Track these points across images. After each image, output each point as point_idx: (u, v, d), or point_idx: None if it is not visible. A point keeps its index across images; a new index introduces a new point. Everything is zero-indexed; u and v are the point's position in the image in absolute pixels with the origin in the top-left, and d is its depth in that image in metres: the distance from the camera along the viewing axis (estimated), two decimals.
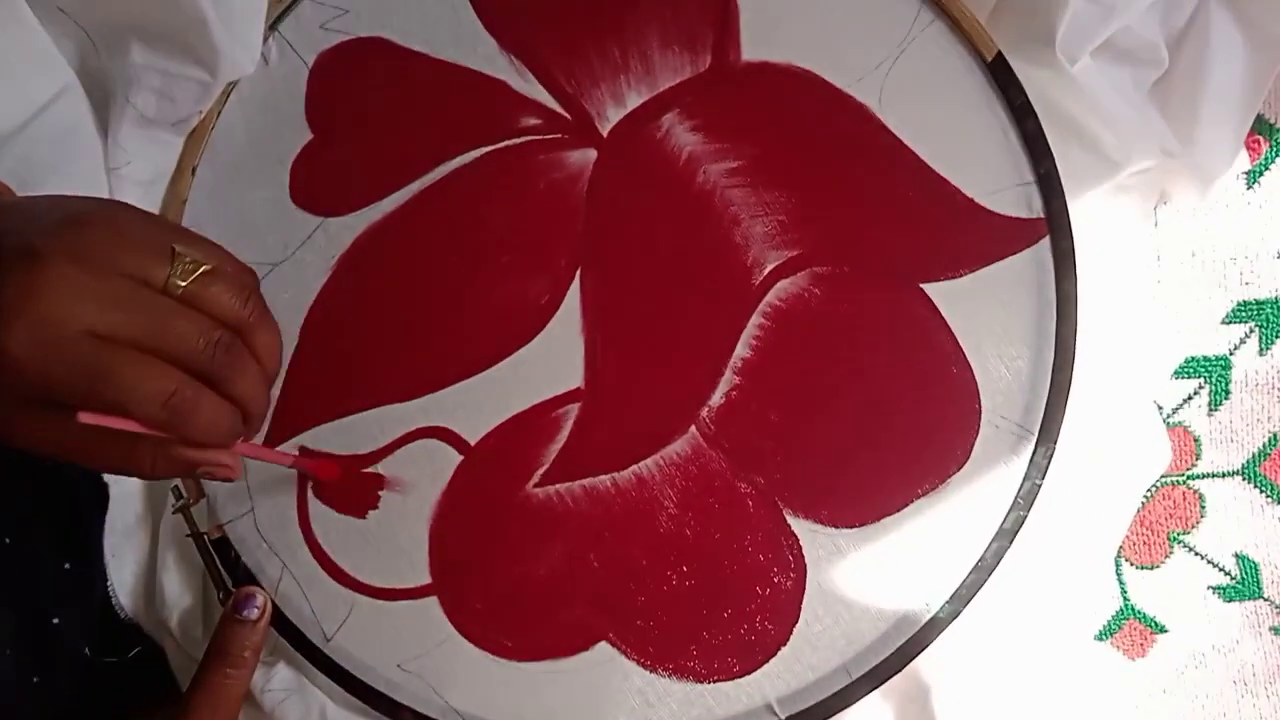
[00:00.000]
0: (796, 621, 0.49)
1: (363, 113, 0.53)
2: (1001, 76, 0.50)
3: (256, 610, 0.50)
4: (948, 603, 0.48)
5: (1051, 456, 0.48)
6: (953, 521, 0.48)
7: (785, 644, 0.49)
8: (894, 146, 0.50)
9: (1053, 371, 0.49)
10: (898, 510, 0.49)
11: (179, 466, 0.40)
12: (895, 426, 0.49)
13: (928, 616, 0.48)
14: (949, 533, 0.48)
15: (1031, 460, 0.48)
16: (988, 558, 0.48)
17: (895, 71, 0.50)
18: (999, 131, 0.50)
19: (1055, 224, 0.49)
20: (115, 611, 0.54)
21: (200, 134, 0.53)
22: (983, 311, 0.49)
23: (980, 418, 0.49)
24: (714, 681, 0.49)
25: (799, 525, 0.49)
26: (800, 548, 0.49)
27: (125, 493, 0.54)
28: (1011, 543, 0.48)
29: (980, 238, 0.50)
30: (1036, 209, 0.49)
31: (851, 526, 0.49)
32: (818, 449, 0.49)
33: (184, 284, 0.37)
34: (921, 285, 0.49)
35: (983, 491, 0.48)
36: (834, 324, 0.50)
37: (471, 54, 0.53)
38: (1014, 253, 0.49)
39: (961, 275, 0.49)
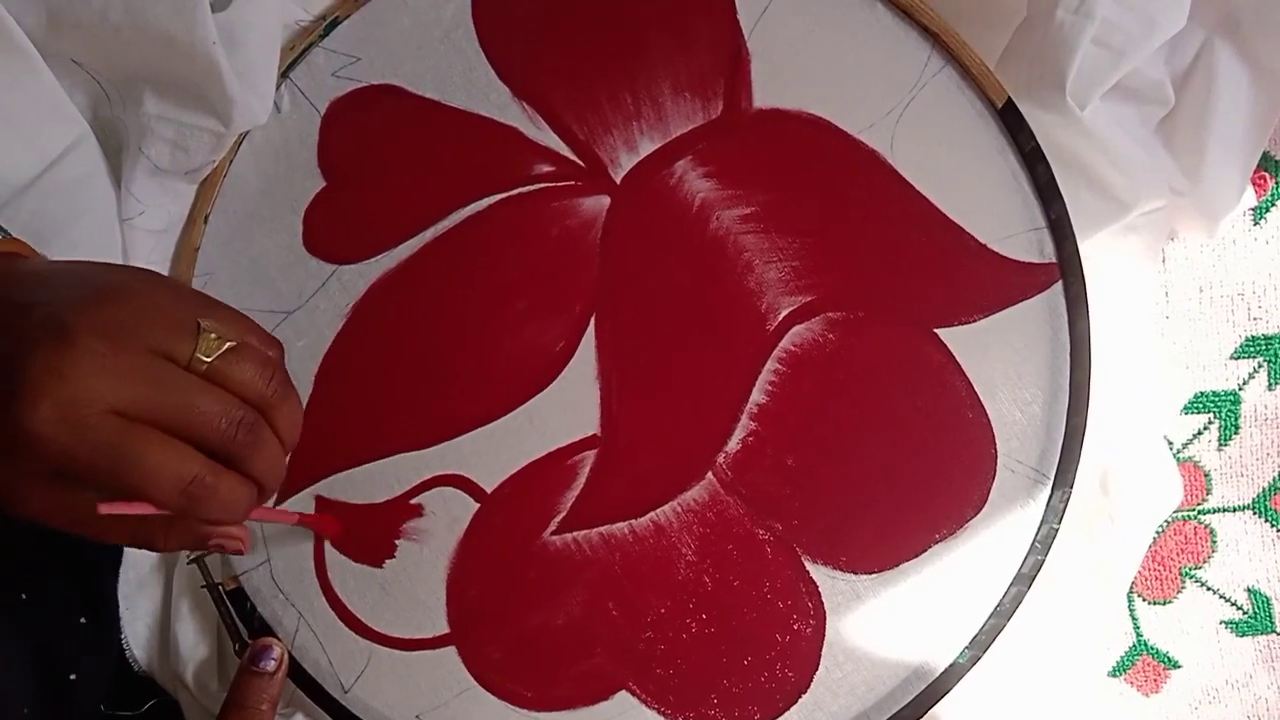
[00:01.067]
0: (817, 669, 0.49)
1: (375, 160, 0.53)
2: (1012, 122, 0.50)
3: (274, 662, 0.50)
4: (967, 648, 0.48)
5: (1068, 500, 0.49)
6: (971, 566, 0.49)
7: (806, 691, 0.49)
8: (906, 192, 0.51)
9: (1067, 415, 0.49)
10: (916, 555, 0.49)
11: (190, 542, 0.40)
12: (912, 471, 0.49)
13: (948, 663, 0.48)
14: (967, 578, 0.49)
15: (1048, 504, 0.49)
16: (1006, 603, 0.48)
17: (906, 118, 0.51)
18: (1010, 177, 0.50)
19: (1067, 268, 0.50)
20: (129, 664, 0.53)
21: (213, 182, 0.53)
22: (997, 356, 0.49)
23: (996, 462, 0.49)
24: None
25: (818, 571, 0.49)
26: (819, 594, 0.49)
27: None
28: (1029, 587, 0.48)
29: (993, 283, 0.50)
30: (1049, 254, 0.50)
31: (870, 572, 0.49)
32: (835, 494, 0.49)
33: (208, 360, 0.37)
34: (935, 330, 0.50)
35: (1000, 536, 0.49)
36: (849, 369, 0.50)
37: (484, 101, 0.53)
38: (1027, 297, 0.50)
39: (975, 320, 0.50)
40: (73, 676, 0.49)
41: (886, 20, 0.51)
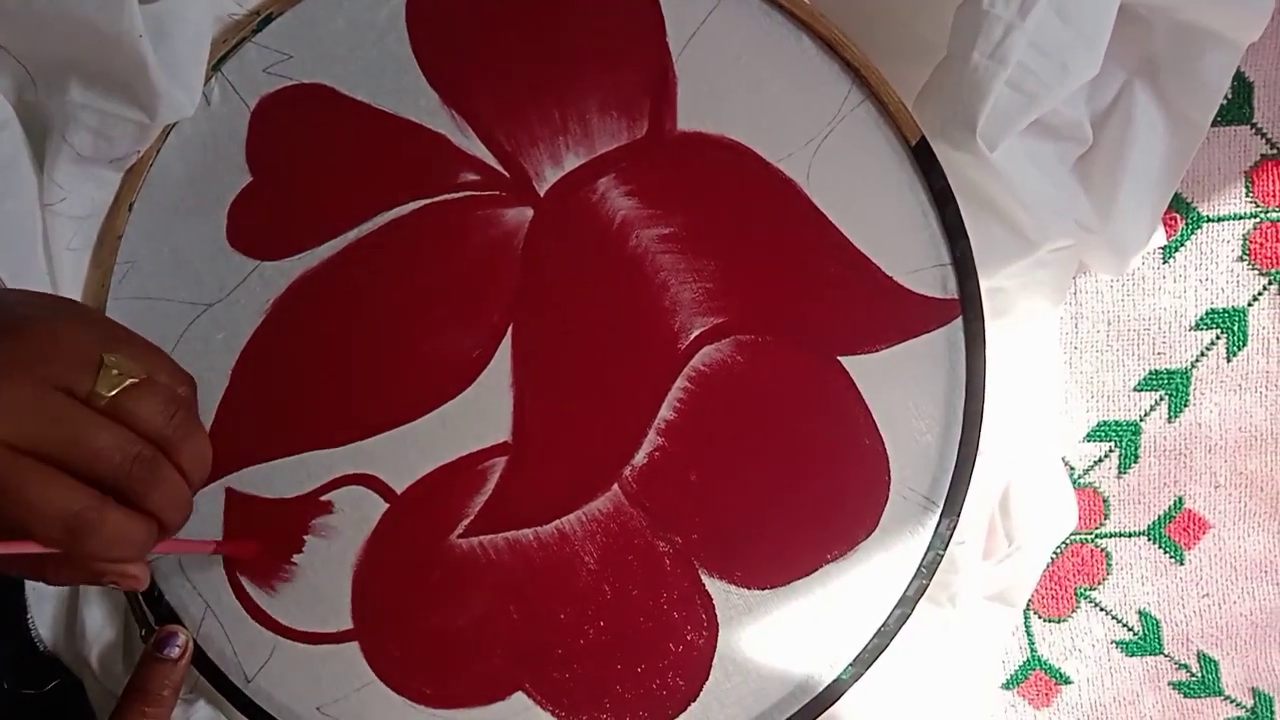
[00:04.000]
0: (707, 678, 0.51)
1: (303, 158, 0.54)
2: (924, 160, 0.52)
3: (178, 649, 0.50)
4: (850, 665, 0.50)
5: (955, 527, 0.51)
6: (859, 586, 0.51)
7: (695, 700, 0.50)
8: (819, 222, 0.52)
9: (959, 447, 0.51)
10: (808, 574, 0.51)
11: (84, 577, 0.40)
12: (809, 492, 0.51)
13: (831, 678, 0.50)
14: (855, 597, 0.51)
15: (936, 531, 0.51)
16: (890, 623, 0.50)
17: (824, 149, 0.52)
18: (919, 213, 0.52)
19: (968, 305, 0.52)
20: (35, 643, 0.54)
21: (139, 171, 0.53)
22: (896, 386, 0.51)
23: (889, 488, 0.51)
24: None
25: (713, 585, 0.51)
26: (714, 607, 0.51)
27: None
28: (913, 610, 0.50)
29: (897, 315, 0.52)
30: (951, 289, 0.52)
31: (763, 588, 0.51)
32: (734, 511, 0.51)
33: (107, 395, 0.37)
34: (839, 358, 0.52)
35: (889, 559, 0.51)
36: (754, 391, 0.52)
37: (413, 106, 0.53)
38: (928, 331, 0.52)
39: (878, 350, 0.52)
40: None
41: (811, 52, 0.53)
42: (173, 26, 0.51)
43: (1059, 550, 0.62)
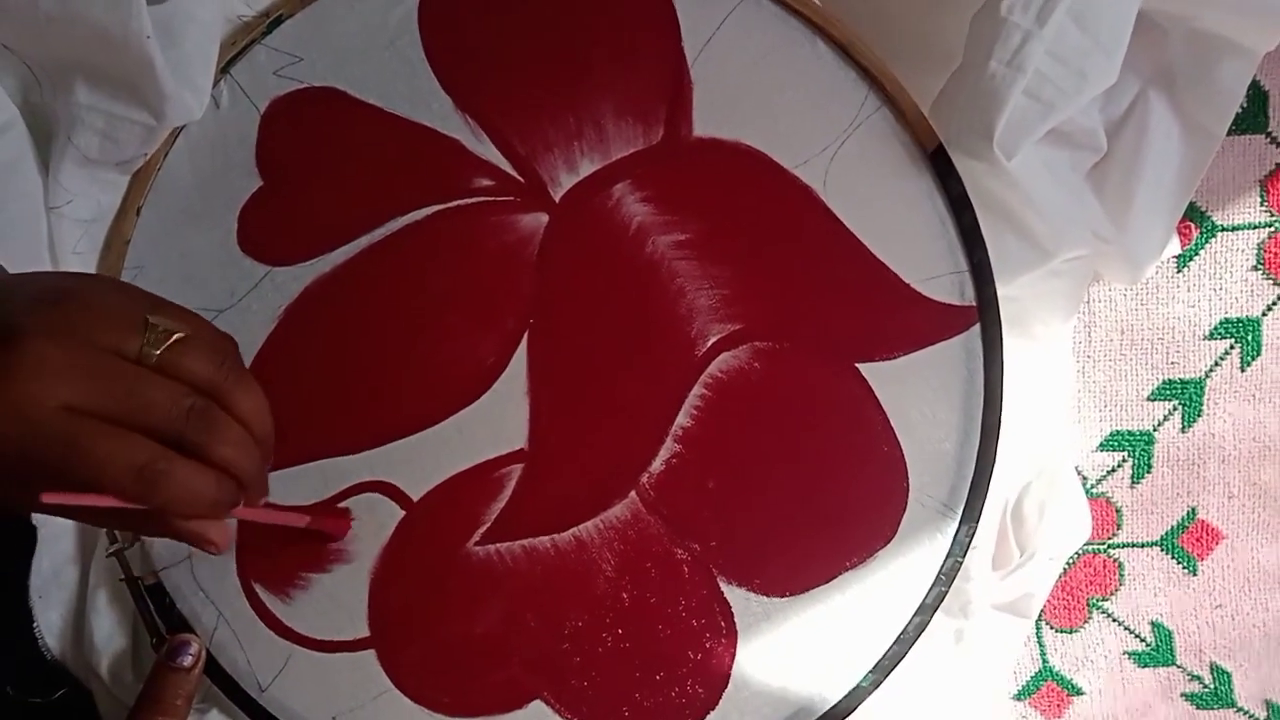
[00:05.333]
0: (726, 687, 0.50)
1: (314, 163, 0.53)
2: (941, 167, 0.52)
3: (191, 658, 0.50)
4: (870, 672, 0.50)
5: (973, 535, 0.51)
6: (878, 594, 0.51)
7: (714, 708, 0.50)
8: (836, 229, 0.52)
9: (977, 454, 0.51)
10: (826, 581, 0.51)
11: (167, 534, 0.40)
12: (827, 500, 0.51)
13: (851, 686, 0.50)
14: (874, 605, 0.51)
15: (955, 538, 0.51)
16: (909, 631, 0.51)
17: (840, 156, 0.52)
18: (937, 221, 0.52)
19: (986, 312, 0.52)
20: (42, 652, 0.53)
21: (146, 174, 0.53)
22: (914, 393, 0.51)
23: (908, 495, 0.51)
24: None
25: (732, 592, 0.51)
26: (733, 614, 0.51)
27: (55, 533, 0.53)
28: (932, 616, 0.51)
29: (914, 322, 0.52)
30: (969, 297, 0.52)
31: (782, 596, 0.51)
32: (753, 519, 0.51)
33: (157, 352, 0.38)
34: (857, 365, 0.52)
35: (908, 566, 0.51)
36: (772, 398, 0.52)
37: (426, 111, 0.53)
38: (946, 338, 0.52)
39: (896, 357, 0.52)
40: None
41: (827, 58, 0.52)
42: (181, 28, 0.50)
43: (1071, 560, 0.62)
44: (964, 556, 0.51)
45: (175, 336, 0.38)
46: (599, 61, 0.53)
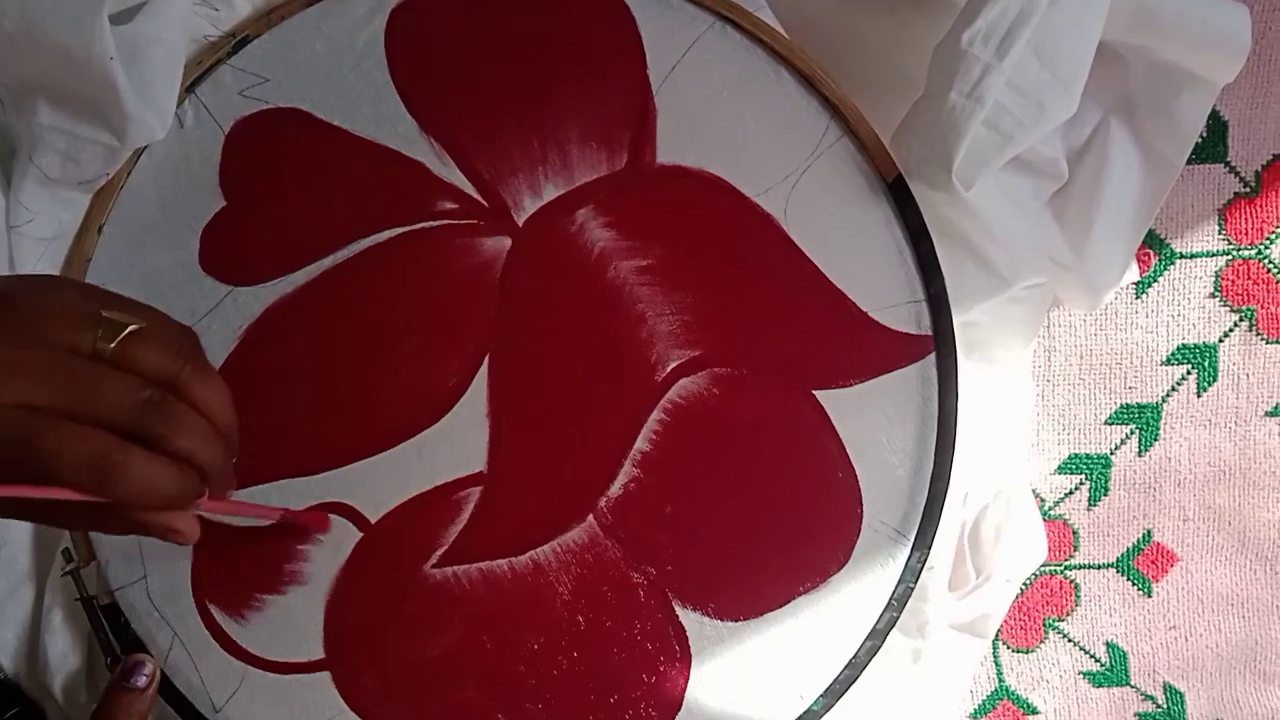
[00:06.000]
0: (679, 709, 0.51)
1: (278, 183, 0.53)
2: (900, 197, 0.52)
3: (145, 678, 0.50)
4: (821, 696, 0.51)
5: (925, 560, 0.51)
6: (831, 618, 0.51)
7: None
8: (796, 257, 0.53)
9: (931, 481, 0.52)
10: (780, 606, 0.51)
11: (134, 529, 0.40)
12: (782, 525, 0.52)
13: (802, 709, 0.51)
14: (827, 629, 0.51)
15: (907, 564, 0.51)
16: (861, 655, 0.51)
17: (801, 184, 0.53)
18: (895, 250, 0.53)
19: (941, 341, 0.52)
20: None
21: (109, 192, 0.53)
22: (869, 420, 0.52)
23: (861, 521, 0.52)
24: None
25: (687, 616, 0.51)
26: (687, 638, 0.51)
27: (11, 553, 0.53)
28: (883, 642, 0.51)
29: (871, 350, 0.52)
30: (925, 326, 0.52)
31: (737, 620, 0.51)
32: (709, 543, 0.52)
33: (111, 346, 0.37)
34: (814, 391, 0.52)
35: (860, 592, 0.51)
36: (730, 424, 0.52)
37: (391, 133, 0.53)
38: (901, 366, 0.52)
39: (852, 384, 0.52)
40: None
41: (790, 88, 0.53)
42: (145, 49, 0.50)
43: (1028, 581, 0.63)
44: (915, 581, 0.51)
45: (129, 329, 0.38)
46: (565, 87, 0.53)
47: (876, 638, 0.51)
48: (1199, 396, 0.61)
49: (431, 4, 0.54)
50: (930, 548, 0.51)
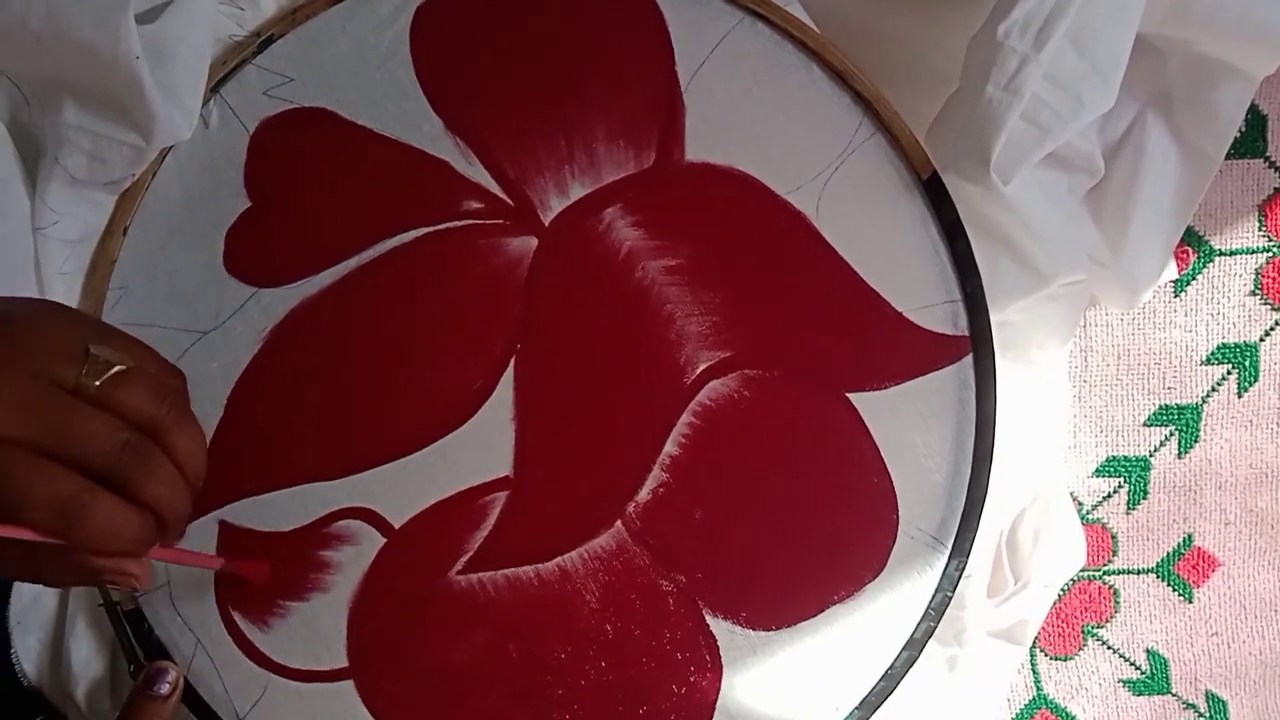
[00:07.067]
0: None
1: (303, 184, 0.53)
2: (935, 195, 0.51)
3: (168, 686, 0.49)
4: (856, 709, 0.49)
5: (963, 568, 0.50)
6: (866, 629, 0.50)
7: None
8: (828, 256, 0.51)
9: (969, 487, 0.50)
10: (814, 615, 0.50)
11: (81, 575, 0.39)
12: (815, 531, 0.50)
13: None
14: (861, 639, 0.50)
15: (944, 572, 0.50)
16: (897, 666, 0.49)
17: (834, 182, 0.52)
18: (930, 249, 0.51)
19: (979, 342, 0.51)
20: (18, 677, 0.52)
21: (134, 194, 0.52)
22: (905, 424, 0.51)
23: (897, 528, 0.50)
24: None
25: (718, 625, 0.50)
26: (718, 648, 0.50)
27: None
28: (921, 652, 0.50)
29: (906, 352, 0.51)
30: (962, 327, 0.51)
31: (769, 629, 0.50)
32: (740, 550, 0.50)
33: (95, 384, 0.37)
34: (847, 394, 0.51)
35: (896, 601, 0.50)
36: (761, 427, 0.51)
37: (417, 133, 0.53)
38: (938, 368, 0.51)
39: (887, 387, 0.51)
40: None
41: (822, 83, 0.52)
42: (171, 48, 0.50)
43: (1066, 587, 0.61)
44: (953, 590, 0.50)
45: (116, 369, 0.37)
46: (591, 85, 0.52)
47: (913, 648, 0.50)
48: (1240, 397, 0.60)
49: (456, 2, 0.53)
50: (969, 555, 0.50)
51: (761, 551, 0.50)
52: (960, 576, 0.50)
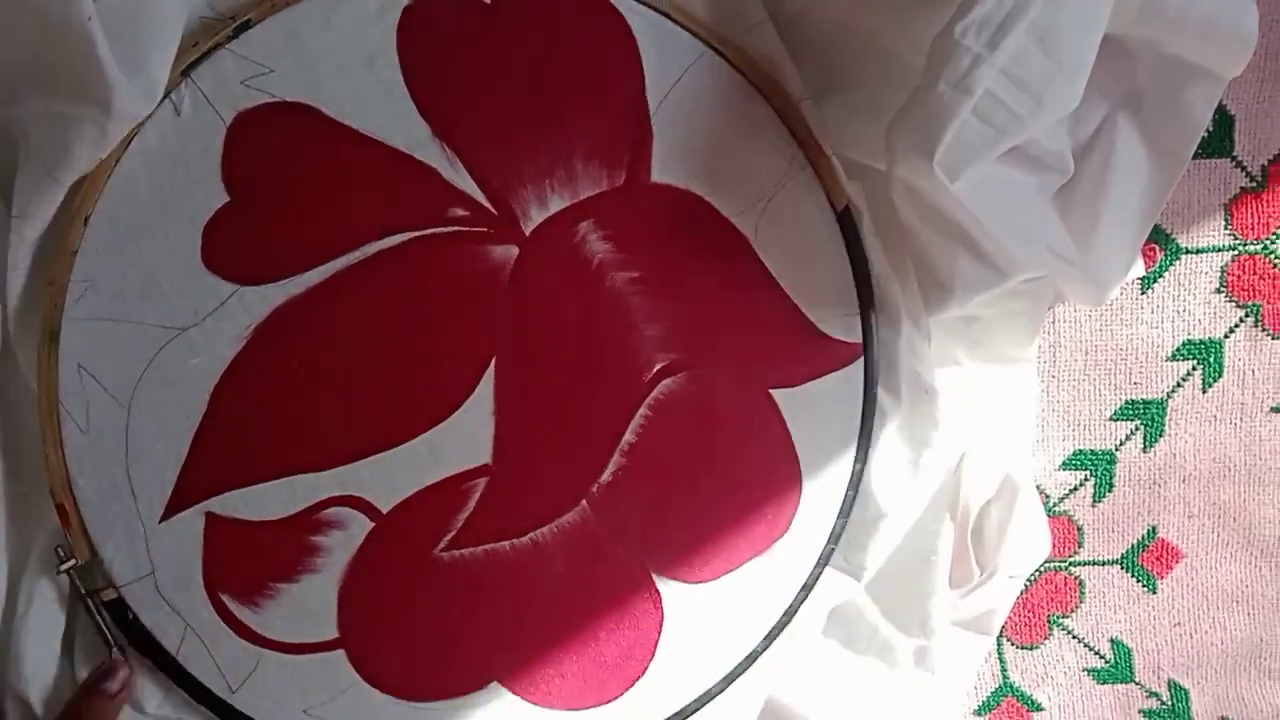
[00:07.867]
0: (653, 657, 0.60)
1: (286, 181, 0.52)
2: (847, 225, 0.61)
3: (118, 683, 0.51)
4: (765, 636, 0.62)
5: (845, 527, 0.63)
6: (774, 576, 0.62)
7: (644, 675, 0.60)
8: (761, 273, 0.59)
9: (853, 464, 0.62)
10: (737, 568, 0.61)
11: None
12: (741, 503, 0.61)
13: (752, 648, 0.62)
14: (771, 584, 0.62)
15: (831, 531, 0.63)
16: (794, 604, 0.62)
17: (770, 208, 0.59)
18: (839, 271, 0.61)
19: (868, 348, 0.62)
20: None
21: (96, 180, 0.49)
22: (811, 414, 0.61)
23: (801, 498, 0.62)
24: (588, 708, 0.59)
25: (662, 582, 0.60)
26: (661, 600, 0.60)
27: None
28: (809, 593, 0.63)
29: (815, 355, 0.61)
30: (856, 335, 0.62)
31: (702, 582, 0.61)
32: (680, 520, 0.60)
33: None
34: (770, 390, 0.61)
35: (797, 555, 0.62)
36: (701, 418, 0.60)
37: (403, 136, 0.53)
38: (835, 369, 0.62)
39: (798, 384, 0.61)
40: None
41: (766, 120, 0.59)
42: (133, 12, 0.47)
43: (1033, 578, 0.62)
44: (836, 544, 0.63)
45: None
46: (573, 105, 0.55)
47: (806, 590, 0.63)
48: (1204, 392, 0.60)
49: (445, 6, 0.53)
50: (849, 515, 0.63)
51: (698, 521, 0.60)
52: (843, 531, 0.63)
